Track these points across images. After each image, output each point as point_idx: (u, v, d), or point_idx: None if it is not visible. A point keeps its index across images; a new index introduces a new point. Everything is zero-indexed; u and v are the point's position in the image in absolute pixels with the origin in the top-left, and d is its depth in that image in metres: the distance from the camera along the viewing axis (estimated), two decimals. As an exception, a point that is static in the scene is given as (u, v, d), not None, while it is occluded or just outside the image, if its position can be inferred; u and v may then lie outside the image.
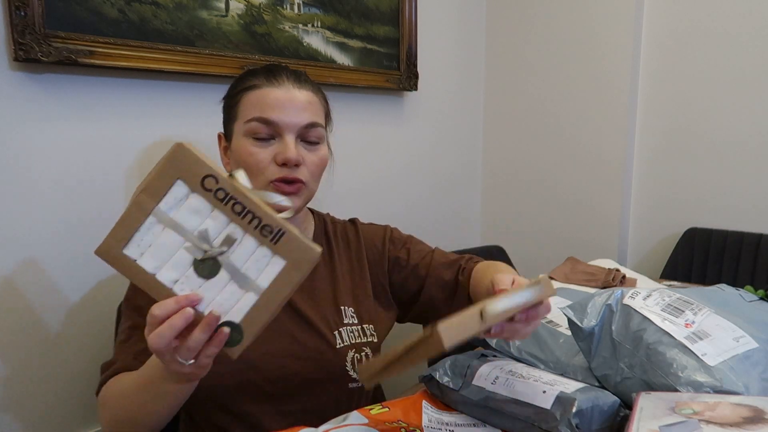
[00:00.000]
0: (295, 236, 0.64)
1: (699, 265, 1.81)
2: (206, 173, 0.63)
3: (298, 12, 1.50)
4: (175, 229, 0.64)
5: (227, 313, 0.64)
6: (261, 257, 0.64)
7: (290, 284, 0.64)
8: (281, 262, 0.64)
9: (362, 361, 0.94)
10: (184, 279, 0.64)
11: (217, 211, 0.64)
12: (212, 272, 0.64)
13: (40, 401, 1.17)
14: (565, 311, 0.88)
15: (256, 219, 0.64)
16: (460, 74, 2.15)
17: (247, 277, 0.64)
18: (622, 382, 0.80)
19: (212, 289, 0.64)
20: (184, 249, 0.64)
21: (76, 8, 1.11)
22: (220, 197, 0.64)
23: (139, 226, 0.63)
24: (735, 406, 0.66)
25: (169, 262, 0.64)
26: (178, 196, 0.64)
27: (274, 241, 0.64)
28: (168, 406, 0.75)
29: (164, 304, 0.62)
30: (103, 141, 1.20)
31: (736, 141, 1.79)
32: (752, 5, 1.72)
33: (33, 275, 1.14)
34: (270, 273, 0.64)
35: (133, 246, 0.63)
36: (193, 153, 0.64)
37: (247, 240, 0.64)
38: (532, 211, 2.20)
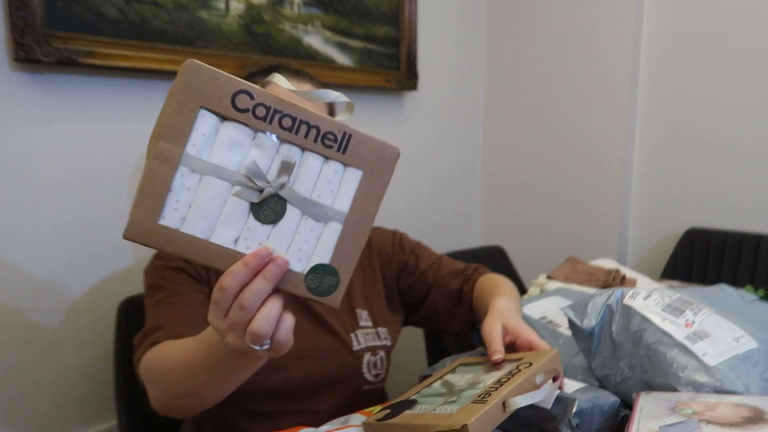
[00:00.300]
0: (366, 136, 0.52)
1: (699, 265, 1.80)
2: (235, 90, 0.50)
3: (298, 12, 1.50)
4: (216, 174, 0.50)
5: (310, 257, 0.52)
6: (331, 175, 0.52)
7: (375, 198, 0.53)
8: (357, 173, 0.52)
9: (377, 364, 0.95)
10: (247, 233, 0.51)
11: (262, 135, 0.51)
12: (278, 214, 0.51)
13: (40, 401, 1.17)
14: (565, 311, 0.88)
15: (312, 129, 0.51)
16: (460, 74, 2.15)
17: (321, 206, 0.52)
18: (622, 382, 0.80)
19: (284, 235, 0.52)
20: (234, 195, 0.51)
21: (76, 8, 1.11)
22: (261, 115, 0.50)
23: (170, 184, 0.49)
24: (735, 406, 0.66)
25: (221, 218, 0.51)
26: (207, 130, 0.50)
27: (342, 149, 0.52)
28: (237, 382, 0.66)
29: (232, 273, 0.50)
30: (103, 141, 1.20)
31: (736, 141, 1.79)
32: (752, 5, 1.72)
33: (33, 275, 1.14)
34: (347, 191, 0.52)
35: (169, 212, 0.49)
36: (211, 69, 0.49)
37: (309, 159, 0.52)
38: (532, 211, 2.20)
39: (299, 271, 0.52)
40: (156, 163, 0.49)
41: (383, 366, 0.96)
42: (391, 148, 0.53)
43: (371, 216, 0.53)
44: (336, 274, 0.53)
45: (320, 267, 0.52)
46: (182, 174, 0.50)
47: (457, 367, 0.80)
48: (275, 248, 0.51)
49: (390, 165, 0.53)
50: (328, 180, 0.52)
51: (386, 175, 0.53)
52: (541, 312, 1.06)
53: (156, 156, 0.49)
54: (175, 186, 0.49)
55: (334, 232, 0.52)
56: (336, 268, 0.53)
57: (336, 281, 0.53)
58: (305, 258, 0.52)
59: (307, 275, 0.52)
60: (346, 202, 0.53)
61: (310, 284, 0.53)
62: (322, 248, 0.52)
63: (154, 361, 0.74)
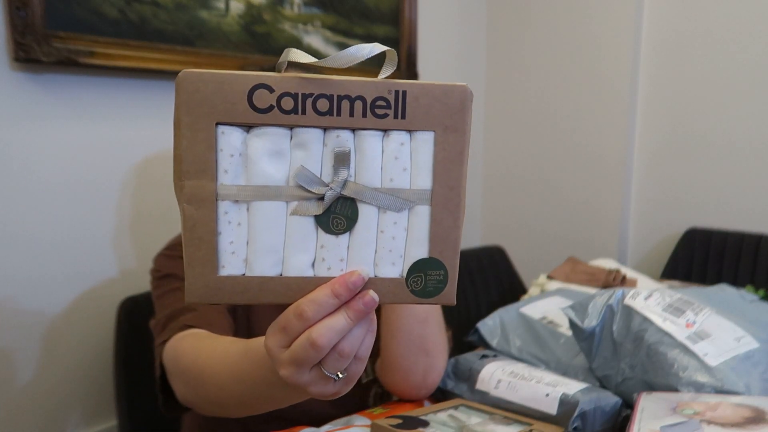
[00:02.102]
0: (423, 86, 0.42)
1: (699, 265, 1.80)
2: (249, 87, 0.41)
3: (298, 12, 1.50)
4: (263, 196, 0.42)
5: (404, 255, 0.44)
6: (398, 150, 0.43)
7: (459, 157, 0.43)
8: (427, 136, 0.43)
9: (383, 396, 0.92)
10: (322, 252, 0.43)
11: (299, 131, 0.42)
12: (350, 218, 0.43)
13: (40, 401, 1.17)
14: (565, 311, 0.88)
15: (357, 102, 0.42)
16: (460, 74, 2.15)
17: (397, 191, 0.43)
18: (623, 382, 0.80)
19: (365, 240, 0.43)
20: (294, 214, 0.42)
21: (76, 8, 1.10)
22: (289, 108, 0.41)
23: (216, 227, 0.42)
24: (736, 406, 0.66)
25: (288, 245, 0.43)
26: (234, 147, 0.41)
27: (400, 113, 0.42)
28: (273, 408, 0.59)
29: (319, 302, 0.42)
30: (103, 141, 1.20)
31: (736, 141, 1.79)
32: (752, 6, 1.72)
33: (33, 274, 1.13)
34: (423, 162, 0.43)
35: (226, 259, 0.42)
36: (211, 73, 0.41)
37: (365, 140, 0.42)
38: (532, 211, 2.20)
39: (397, 276, 0.44)
40: (191, 208, 0.41)
41: (390, 398, 0.93)
42: (459, 90, 0.42)
43: (461, 181, 0.43)
44: (441, 266, 0.44)
45: (420, 263, 0.44)
46: (225, 210, 0.42)
47: (459, 405, 0.79)
48: (361, 261, 0.43)
49: (464, 111, 0.42)
50: (396, 157, 0.43)
51: (463, 126, 0.43)
52: (542, 312, 1.06)
53: (189, 200, 0.41)
54: (222, 227, 0.42)
55: (424, 217, 0.43)
56: (439, 259, 0.44)
57: (443, 274, 0.44)
58: (398, 259, 0.44)
59: (407, 278, 0.44)
60: (426, 176, 0.43)
61: (414, 287, 0.44)
62: (414, 241, 0.43)
63: (184, 357, 0.67)
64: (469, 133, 0.43)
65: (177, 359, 0.68)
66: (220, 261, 0.42)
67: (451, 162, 0.43)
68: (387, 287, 0.44)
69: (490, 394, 0.79)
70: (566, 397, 0.73)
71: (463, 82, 0.43)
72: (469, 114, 0.43)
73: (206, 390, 0.63)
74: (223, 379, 0.59)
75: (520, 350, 0.97)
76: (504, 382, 0.79)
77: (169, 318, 0.75)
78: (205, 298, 0.43)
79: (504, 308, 1.08)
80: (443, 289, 0.44)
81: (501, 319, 1.04)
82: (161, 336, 0.74)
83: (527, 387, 0.77)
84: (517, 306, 1.09)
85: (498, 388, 0.79)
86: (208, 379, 0.62)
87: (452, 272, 0.44)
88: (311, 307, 0.42)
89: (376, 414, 0.80)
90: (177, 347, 0.69)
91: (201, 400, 0.65)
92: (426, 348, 0.80)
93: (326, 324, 0.42)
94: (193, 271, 0.42)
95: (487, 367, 0.83)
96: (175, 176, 0.42)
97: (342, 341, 0.43)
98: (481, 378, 0.81)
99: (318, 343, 0.41)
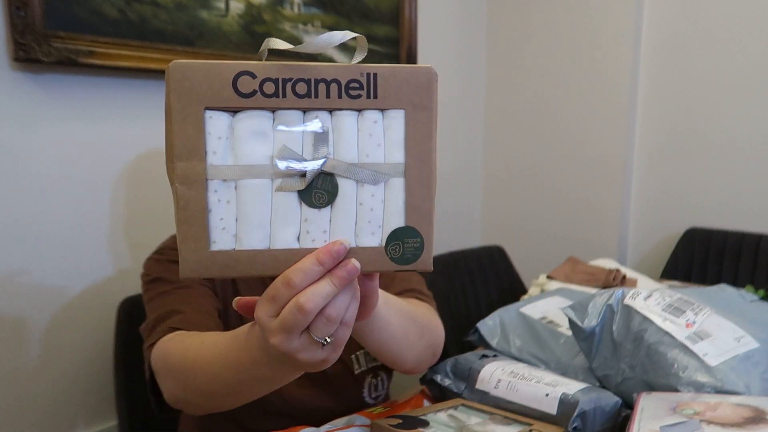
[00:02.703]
0: (393, 68, 0.46)
1: (699, 265, 1.80)
2: (233, 74, 0.44)
3: (298, 12, 1.50)
4: (249, 174, 0.45)
5: (382, 225, 0.47)
6: (372, 128, 0.46)
7: (428, 132, 0.47)
8: (398, 114, 0.47)
9: (378, 386, 0.92)
10: (306, 225, 0.46)
11: (281, 112, 0.45)
12: (331, 192, 0.46)
13: (40, 401, 1.17)
14: (565, 311, 0.88)
15: (332, 84, 0.45)
16: (461, 74, 2.15)
17: (373, 165, 0.46)
18: (623, 382, 0.80)
19: (345, 212, 0.46)
20: (279, 190, 0.45)
21: (76, 8, 1.10)
22: (271, 92, 0.45)
23: (207, 205, 0.45)
24: (736, 406, 0.66)
25: (274, 220, 0.46)
26: (221, 130, 0.45)
27: (372, 94, 0.46)
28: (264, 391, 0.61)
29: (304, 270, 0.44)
30: (103, 141, 1.20)
31: (736, 141, 1.79)
32: (752, 6, 1.72)
33: (33, 274, 1.13)
34: (396, 138, 0.47)
35: (217, 235, 0.45)
36: (199, 63, 0.44)
37: (341, 119, 0.46)
38: (532, 211, 2.20)
39: (376, 245, 0.47)
40: (183, 188, 0.44)
41: (384, 387, 0.94)
42: (425, 71, 0.46)
43: (431, 154, 0.47)
44: (417, 234, 0.47)
45: (397, 232, 0.47)
46: (215, 189, 0.45)
47: (459, 405, 0.79)
48: (343, 232, 0.46)
49: (430, 90, 0.46)
50: (370, 134, 0.46)
51: (430, 103, 0.47)
52: (542, 312, 1.06)
53: (180, 180, 0.44)
54: (212, 204, 0.45)
55: (399, 189, 0.47)
56: (415, 227, 0.47)
57: (420, 242, 0.47)
58: (377, 229, 0.47)
59: (386, 247, 0.47)
60: (399, 150, 0.47)
61: (393, 255, 0.47)
62: (392, 211, 0.47)
63: (172, 354, 0.68)
64: (436, 110, 0.47)
65: (165, 358, 0.69)
66: (211, 237, 0.45)
67: (421, 137, 0.47)
68: (368, 256, 0.47)
69: (489, 393, 0.79)
70: (566, 397, 0.73)
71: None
72: (435, 93, 0.47)
73: (197, 382, 0.63)
74: (213, 368, 0.61)
75: (520, 350, 0.97)
76: (504, 382, 0.79)
77: (157, 321, 0.75)
78: (198, 272, 0.45)
79: (504, 308, 1.08)
80: (420, 255, 0.47)
81: (501, 319, 1.04)
82: (149, 339, 0.74)
83: (527, 387, 0.77)
84: (517, 306, 1.09)
85: (498, 388, 0.79)
86: (199, 370, 0.63)
87: (428, 240, 0.48)
88: (298, 275, 0.44)
89: (376, 414, 0.80)
90: (164, 347, 0.69)
91: (191, 394, 0.66)
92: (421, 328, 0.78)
93: (312, 290, 0.44)
94: (187, 247, 0.45)
95: (487, 367, 0.83)
96: (168, 159, 0.45)
97: (328, 306, 0.45)
98: (481, 378, 0.81)
99: (305, 308, 0.44)
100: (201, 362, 0.63)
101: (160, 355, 0.70)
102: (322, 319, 0.45)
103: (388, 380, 0.96)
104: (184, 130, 0.44)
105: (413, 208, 0.47)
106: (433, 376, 0.86)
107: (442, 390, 0.85)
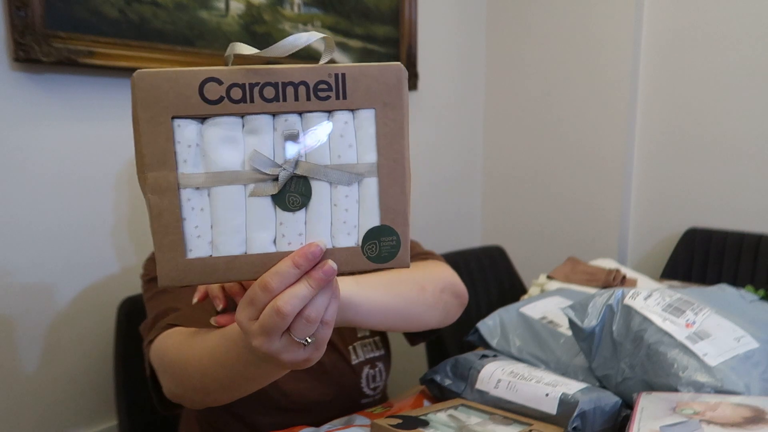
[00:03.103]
0: (361, 68, 0.46)
1: (699, 265, 1.81)
2: (199, 81, 0.44)
3: (298, 12, 1.50)
4: (221, 181, 0.45)
5: (358, 225, 0.47)
6: (342, 128, 0.46)
7: (399, 131, 0.47)
8: (368, 113, 0.46)
9: (376, 377, 0.93)
10: (281, 228, 0.46)
11: (250, 117, 0.45)
12: (304, 195, 0.46)
13: (40, 401, 1.17)
14: (565, 311, 0.88)
15: (300, 87, 0.45)
16: (460, 74, 2.15)
17: (346, 166, 0.46)
18: (623, 382, 0.80)
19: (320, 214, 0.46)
20: (252, 196, 0.45)
21: (76, 8, 1.10)
22: (238, 97, 0.44)
23: (180, 213, 0.45)
24: (736, 406, 0.66)
25: (249, 225, 0.46)
26: (190, 138, 0.45)
27: (341, 94, 0.46)
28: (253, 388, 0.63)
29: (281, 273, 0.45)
30: (103, 141, 1.20)
31: (736, 141, 1.79)
32: (752, 6, 1.72)
33: (33, 274, 1.13)
34: (367, 138, 0.47)
35: (193, 243, 0.45)
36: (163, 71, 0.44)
37: (311, 121, 0.46)
38: (532, 211, 2.20)
39: (353, 245, 0.47)
40: (156, 197, 0.44)
41: (382, 378, 0.94)
42: (393, 69, 0.46)
43: (404, 152, 0.47)
44: (393, 232, 0.47)
45: (373, 231, 0.47)
46: (188, 197, 0.45)
47: (459, 405, 0.80)
48: (318, 234, 0.46)
49: (399, 88, 0.46)
50: (341, 135, 0.46)
51: (400, 102, 0.46)
52: (542, 312, 1.06)
53: (152, 190, 0.44)
54: (186, 213, 0.45)
55: (373, 188, 0.47)
56: (390, 226, 0.47)
57: (396, 240, 0.47)
58: (353, 229, 0.47)
59: (363, 246, 0.47)
60: (371, 150, 0.46)
61: (370, 254, 0.47)
62: (366, 211, 0.47)
63: (168, 351, 0.70)
64: (407, 108, 0.47)
65: (163, 355, 0.70)
66: (187, 245, 0.45)
67: (392, 136, 0.47)
68: (344, 256, 0.47)
69: (489, 393, 0.79)
70: (566, 397, 0.73)
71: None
72: (405, 90, 0.46)
73: (190, 378, 0.65)
74: (204, 365, 0.62)
75: (520, 350, 0.97)
76: (504, 382, 0.79)
77: (155, 319, 0.77)
78: (176, 280, 0.45)
79: (504, 308, 1.08)
80: (397, 253, 0.47)
81: (501, 319, 1.04)
82: (148, 337, 0.76)
83: (527, 387, 0.77)
84: (517, 306, 1.09)
85: (498, 388, 0.79)
86: (191, 367, 0.64)
87: (404, 238, 0.48)
88: (274, 278, 0.45)
89: (376, 414, 0.80)
90: (161, 345, 0.71)
91: (186, 390, 0.67)
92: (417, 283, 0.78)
93: (289, 292, 0.45)
94: (164, 256, 0.45)
95: (487, 367, 0.83)
96: (138, 169, 0.45)
97: (307, 307, 0.46)
98: (481, 378, 0.81)
99: (283, 311, 0.45)
100: (194, 360, 0.64)
101: (157, 353, 0.72)
102: (302, 321, 0.46)
103: (386, 371, 0.96)
104: (154, 140, 0.44)
105: (388, 207, 0.47)
106: (433, 376, 0.86)
107: (442, 390, 0.85)
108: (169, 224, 0.45)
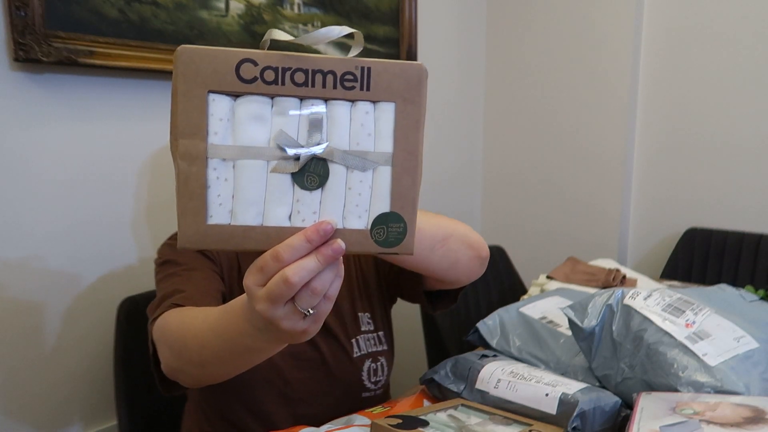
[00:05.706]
0: (386, 64, 0.49)
1: (699, 265, 1.81)
2: (237, 61, 0.47)
3: (298, 12, 1.50)
4: (247, 155, 0.48)
5: (369, 210, 0.50)
6: (363, 118, 0.49)
7: (416, 126, 0.49)
8: (389, 106, 0.49)
9: (378, 371, 0.94)
10: (297, 205, 0.49)
11: (280, 99, 0.48)
12: (322, 176, 0.49)
13: (40, 401, 1.17)
14: (565, 311, 0.88)
15: (328, 75, 0.48)
16: (460, 74, 2.15)
17: (363, 153, 0.49)
18: (622, 382, 0.80)
19: (335, 196, 0.49)
20: (273, 171, 0.48)
21: (76, 8, 1.10)
22: (271, 79, 0.47)
23: (206, 181, 0.47)
24: (736, 406, 0.66)
25: (268, 199, 0.48)
26: (223, 113, 0.48)
27: (365, 86, 0.49)
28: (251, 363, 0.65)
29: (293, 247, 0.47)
30: (103, 141, 1.20)
31: (736, 141, 1.79)
32: (752, 6, 1.72)
33: (33, 275, 1.13)
34: (385, 129, 0.49)
35: (215, 210, 0.48)
36: (206, 49, 0.47)
37: (336, 109, 0.49)
38: (532, 211, 2.20)
39: (362, 227, 0.50)
40: (185, 164, 0.47)
41: (384, 373, 0.95)
42: (416, 68, 0.49)
43: (418, 146, 0.50)
44: (401, 219, 0.50)
45: (382, 217, 0.50)
46: (214, 167, 0.48)
47: (458, 405, 0.80)
48: (331, 214, 0.49)
49: (420, 86, 0.49)
50: (362, 124, 0.49)
51: (419, 98, 0.49)
52: (541, 312, 1.06)
53: (182, 157, 0.47)
54: (211, 181, 0.48)
55: (386, 177, 0.49)
56: (399, 213, 0.50)
57: (403, 227, 0.50)
58: (364, 213, 0.49)
59: (371, 230, 0.50)
60: (388, 141, 0.49)
61: (378, 238, 0.50)
62: (378, 197, 0.49)
63: (170, 324, 0.72)
64: (425, 105, 0.50)
65: (164, 329, 0.73)
66: (209, 211, 0.48)
67: (409, 129, 0.49)
68: (353, 237, 0.50)
69: (489, 393, 0.79)
70: (566, 397, 0.73)
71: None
72: (425, 89, 0.49)
73: (189, 351, 0.67)
74: (204, 337, 0.65)
75: (520, 350, 0.97)
76: (504, 382, 0.79)
77: (162, 299, 0.79)
78: (195, 243, 0.48)
79: (504, 308, 1.08)
80: (403, 239, 0.50)
81: (501, 319, 1.04)
82: (153, 315, 0.78)
83: (527, 387, 0.77)
84: (516, 306, 1.09)
85: (498, 388, 0.79)
86: (190, 340, 0.67)
87: (411, 225, 0.50)
88: (286, 250, 0.47)
89: (376, 414, 0.80)
90: (164, 320, 0.73)
91: (183, 363, 0.69)
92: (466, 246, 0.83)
93: (299, 264, 0.47)
94: (186, 220, 0.47)
95: (487, 367, 0.83)
96: (172, 137, 0.48)
97: (313, 280, 0.48)
98: (481, 378, 0.81)
99: (291, 281, 0.47)
100: (194, 331, 0.67)
101: (159, 328, 0.74)
102: (307, 291, 0.48)
103: (388, 367, 0.97)
104: (188, 110, 0.47)
105: (399, 196, 0.50)
106: (433, 376, 0.86)
107: (442, 390, 0.85)
108: (194, 190, 0.47)
